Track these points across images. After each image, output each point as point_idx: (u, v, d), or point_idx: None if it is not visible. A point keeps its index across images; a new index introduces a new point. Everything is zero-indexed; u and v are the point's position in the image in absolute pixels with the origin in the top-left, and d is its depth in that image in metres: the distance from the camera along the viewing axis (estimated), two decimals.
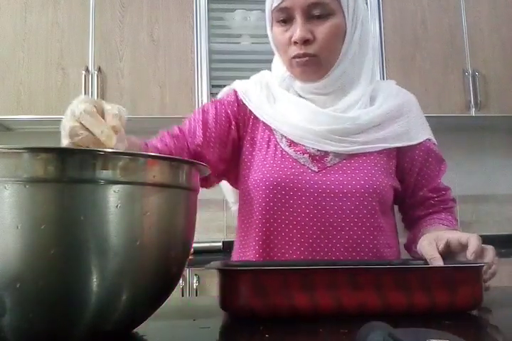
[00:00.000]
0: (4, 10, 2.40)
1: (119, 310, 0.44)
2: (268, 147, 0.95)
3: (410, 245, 0.97)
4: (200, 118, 0.97)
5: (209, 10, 2.49)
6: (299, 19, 0.89)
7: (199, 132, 0.95)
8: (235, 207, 1.07)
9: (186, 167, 0.49)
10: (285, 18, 0.90)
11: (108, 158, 0.42)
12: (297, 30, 0.88)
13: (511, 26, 2.63)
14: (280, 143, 0.94)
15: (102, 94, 2.38)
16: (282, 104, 0.97)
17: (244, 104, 0.99)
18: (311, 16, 0.89)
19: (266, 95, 0.99)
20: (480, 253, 0.71)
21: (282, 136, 0.95)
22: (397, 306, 0.56)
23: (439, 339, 0.35)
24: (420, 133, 0.99)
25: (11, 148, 0.39)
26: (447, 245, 0.75)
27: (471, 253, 0.70)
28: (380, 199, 0.90)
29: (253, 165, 0.94)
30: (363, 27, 0.95)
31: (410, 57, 2.56)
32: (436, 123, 3.02)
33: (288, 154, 0.93)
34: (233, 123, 0.98)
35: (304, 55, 0.90)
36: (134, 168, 0.43)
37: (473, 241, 0.71)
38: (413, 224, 1.00)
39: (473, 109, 2.54)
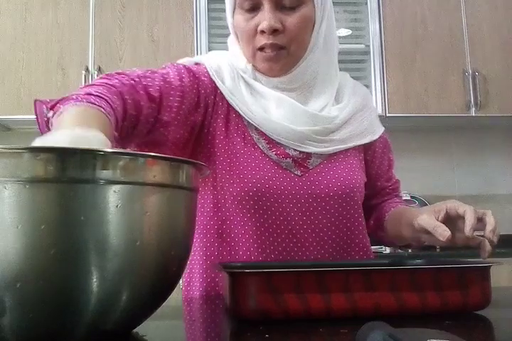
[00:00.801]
0: (4, 10, 2.40)
1: (119, 310, 0.44)
2: (245, 146, 0.86)
3: (376, 231, 0.98)
4: (178, 90, 0.81)
5: (209, 10, 2.49)
6: (267, 7, 0.81)
7: (173, 105, 0.80)
8: None
9: (186, 167, 0.49)
10: (251, 5, 0.82)
11: (108, 158, 0.42)
12: (265, 19, 0.81)
13: (511, 26, 2.63)
14: (258, 144, 0.87)
15: None
16: (260, 99, 0.88)
17: (215, 87, 0.87)
18: (280, 5, 0.82)
19: (243, 82, 0.88)
20: (478, 224, 0.73)
21: (259, 135, 0.87)
22: (409, 307, 0.56)
23: (439, 339, 0.35)
24: (378, 124, 0.99)
25: (10, 148, 0.39)
26: (446, 215, 0.76)
27: (469, 230, 0.71)
28: (359, 197, 0.90)
29: (232, 168, 0.84)
30: (329, 20, 0.89)
31: (410, 57, 2.56)
32: (436, 123, 3.03)
33: (268, 157, 0.86)
34: (201, 105, 0.85)
35: (272, 45, 0.82)
36: (134, 167, 0.43)
37: (469, 216, 0.72)
38: (367, 212, 0.97)
39: (473, 109, 2.54)
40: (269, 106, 0.87)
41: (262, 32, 0.82)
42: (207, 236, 0.87)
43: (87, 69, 2.38)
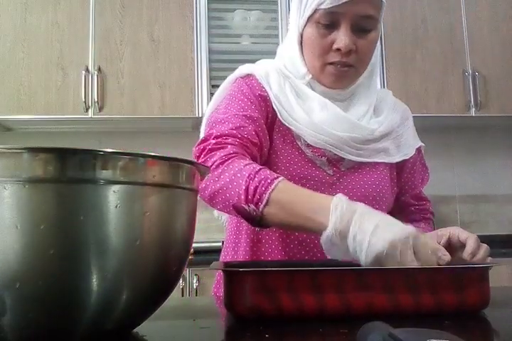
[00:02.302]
0: (4, 10, 2.40)
1: (118, 310, 0.44)
2: (284, 142, 0.91)
3: None
4: (259, 117, 0.88)
5: (209, 10, 2.49)
6: (345, 27, 0.86)
7: (264, 133, 0.88)
8: None
9: (186, 167, 0.49)
10: (329, 22, 0.86)
11: (107, 158, 0.42)
12: (343, 39, 0.85)
13: (511, 26, 2.63)
14: (297, 141, 0.91)
15: (102, 94, 2.38)
16: (305, 101, 0.93)
17: (267, 95, 0.92)
18: (356, 28, 0.86)
19: (289, 86, 0.93)
20: (476, 253, 0.73)
21: (297, 135, 0.92)
22: (405, 307, 0.56)
23: (439, 339, 0.35)
24: (415, 141, 1.01)
25: (10, 148, 0.39)
26: (448, 241, 0.77)
27: (468, 254, 0.73)
28: (385, 203, 0.92)
29: (269, 163, 0.89)
30: None
31: (410, 57, 2.56)
32: (436, 123, 3.03)
33: (304, 154, 0.91)
34: (269, 116, 0.91)
35: (342, 63, 0.88)
36: (134, 167, 0.43)
37: (470, 242, 0.74)
38: None
39: (473, 109, 2.54)
40: (313, 108, 0.91)
41: (338, 50, 0.87)
42: (240, 233, 0.93)
43: (87, 69, 2.38)
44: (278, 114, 0.91)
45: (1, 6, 2.41)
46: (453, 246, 0.76)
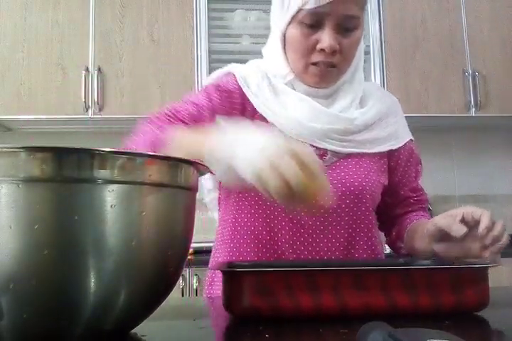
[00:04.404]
0: (4, 10, 2.40)
1: (115, 311, 0.43)
2: None
3: (395, 242, 0.99)
4: (209, 107, 0.91)
5: (209, 10, 2.49)
6: (329, 27, 0.85)
7: (204, 122, 0.88)
8: (211, 196, 1.03)
9: (184, 166, 0.49)
10: (313, 22, 0.85)
11: (104, 158, 0.42)
12: (328, 39, 0.85)
13: (511, 26, 2.63)
14: None
15: (102, 94, 2.38)
16: (284, 98, 0.93)
17: (243, 92, 0.94)
18: (340, 27, 0.86)
19: (267, 85, 0.94)
20: (491, 228, 0.74)
21: (279, 131, 0.90)
22: (403, 307, 0.56)
23: (439, 339, 0.35)
24: (405, 133, 1.01)
25: (6, 147, 0.39)
26: (462, 219, 0.77)
27: (483, 229, 0.73)
28: (372, 198, 0.92)
29: None
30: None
31: (410, 57, 2.56)
32: (436, 123, 3.03)
33: None
34: (234, 111, 0.93)
35: (328, 63, 0.88)
36: (130, 167, 0.43)
37: (484, 219, 0.74)
38: (391, 222, 1.02)
39: (473, 109, 2.53)
40: (288, 103, 0.92)
41: (322, 50, 0.86)
42: (223, 234, 0.95)
43: (87, 69, 2.37)
44: (258, 110, 0.92)
45: (1, 6, 2.41)
46: (468, 225, 0.76)
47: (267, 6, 0.96)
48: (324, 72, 0.89)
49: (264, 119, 0.92)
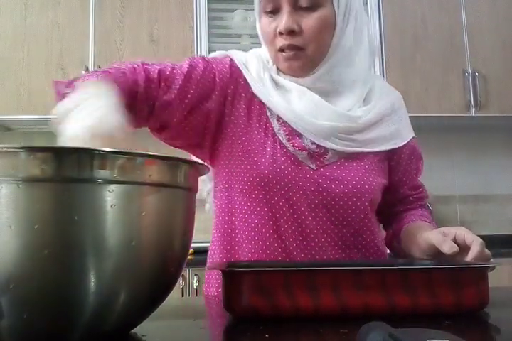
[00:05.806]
0: (4, 10, 2.40)
1: (115, 311, 0.43)
2: (265, 136, 0.89)
3: (391, 240, 0.98)
4: (184, 72, 0.88)
5: (209, 10, 2.49)
6: (285, 9, 0.85)
7: (176, 86, 0.85)
8: (206, 188, 0.99)
9: (184, 166, 0.49)
10: (272, 8, 0.86)
11: (103, 157, 0.42)
12: (283, 21, 0.84)
13: (511, 26, 2.63)
14: (278, 135, 0.89)
15: None
16: (285, 90, 0.91)
17: (237, 78, 0.91)
18: (298, 7, 0.85)
19: (268, 75, 0.92)
20: (478, 259, 0.72)
21: (280, 125, 0.89)
22: (403, 307, 0.56)
23: (439, 339, 0.35)
24: (408, 131, 0.99)
25: (6, 147, 0.39)
26: (453, 240, 0.75)
27: (470, 259, 0.71)
28: (371, 199, 0.90)
29: (248, 155, 0.87)
30: (356, 22, 0.90)
31: (410, 57, 2.56)
32: (436, 123, 3.03)
33: (286, 148, 0.88)
34: (216, 93, 0.89)
35: (290, 46, 0.86)
36: (130, 167, 0.43)
37: (474, 248, 0.72)
38: (390, 220, 1.01)
39: (473, 109, 2.54)
40: (291, 99, 0.90)
41: (281, 33, 0.85)
42: (218, 230, 0.91)
43: (87, 69, 2.37)
44: (262, 99, 0.90)
45: (1, 6, 2.41)
46: (458, 246, 0.74)
47: None
48: (291, 56, 0.87)
49: (263, 109, 0.91)
